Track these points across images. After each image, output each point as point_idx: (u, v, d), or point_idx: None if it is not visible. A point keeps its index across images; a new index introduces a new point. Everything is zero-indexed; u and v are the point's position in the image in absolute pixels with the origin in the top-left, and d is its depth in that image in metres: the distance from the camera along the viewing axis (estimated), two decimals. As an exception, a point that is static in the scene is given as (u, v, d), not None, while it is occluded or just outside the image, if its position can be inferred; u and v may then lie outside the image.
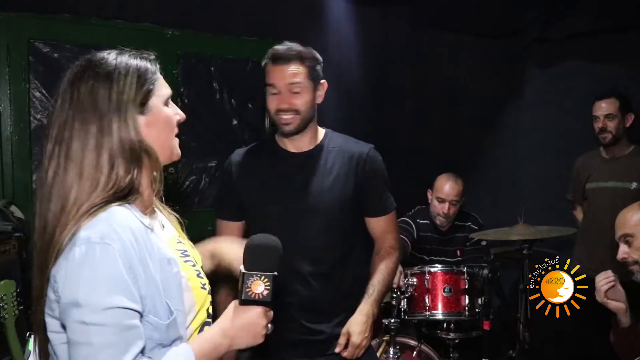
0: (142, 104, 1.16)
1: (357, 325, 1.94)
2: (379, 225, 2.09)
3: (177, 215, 1.36)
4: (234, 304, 1.21)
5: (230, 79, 3.61)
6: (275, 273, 1.21)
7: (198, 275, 1.26)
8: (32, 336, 1.48)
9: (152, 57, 1.24)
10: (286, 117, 1.92)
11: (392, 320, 2.70)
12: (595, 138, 3.28)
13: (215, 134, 3.57)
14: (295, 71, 1.92)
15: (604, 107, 3.21)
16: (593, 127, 3.26)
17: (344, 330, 1.95)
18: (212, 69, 3.57)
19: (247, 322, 1.19)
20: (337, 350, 1.94)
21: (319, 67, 1.98)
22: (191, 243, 1.36)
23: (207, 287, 1.28)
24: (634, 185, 3.14)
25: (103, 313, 1.01)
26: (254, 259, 1.22)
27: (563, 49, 4.08)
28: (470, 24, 4.17)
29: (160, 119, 1.20)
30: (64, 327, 1.06)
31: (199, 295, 1.23)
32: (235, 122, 3.66)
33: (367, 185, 2.02)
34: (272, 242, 1.26)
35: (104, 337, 1.01)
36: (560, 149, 3.99)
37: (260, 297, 1.19)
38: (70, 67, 1.17)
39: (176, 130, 1.25)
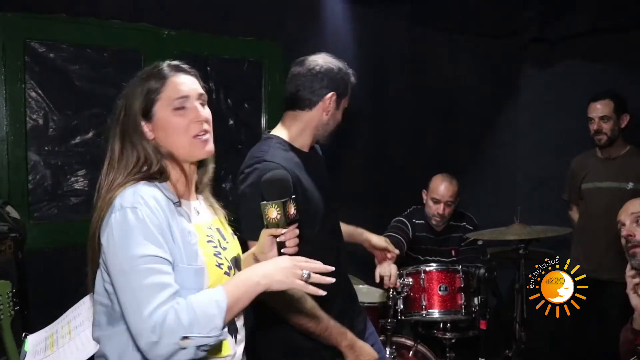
0: (145, 114, 1.41)
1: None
2: None
3: (224, 211, 1.61)
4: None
5: (227, 79, 3.61)
6: (286, 199, 1.43)
7: (216, 255, 1.42)
8: (28, 336, 1.55)
9: (164, 66, 1.46)
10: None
11: (389, 321, 2.71)
12: (591, 139, 3.29)
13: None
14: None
15: (598, 109, 3.21)
16: (589, 128, 3.27)
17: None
18: (209, 68, 3.57)
19: (279, 263, 1.36)
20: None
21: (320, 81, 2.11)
22: (231, 233, 1.59)
23: (225, 268, 1.43)
24: (630, 185, 3.15)
25: (138, 260, 1.26)
26: (267, 192, 1.46)
27: (561, 49, 4.08)
28: (468, 24, 4.18)
29: (165, 124, 1.41)
30: (106, 291, 1.36)
31: (212, 272, 1.39)
32: (231, 122, 3.65)
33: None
34: (279, 174, 1.52)
35: (141, 280, 1.25)
36: (557, 149, 4.00)
37: (275, 220, 1.43)
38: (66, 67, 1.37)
39: (194, 130, 1.42)
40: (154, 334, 1.21)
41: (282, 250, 1.48)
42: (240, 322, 1.51)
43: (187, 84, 1.45)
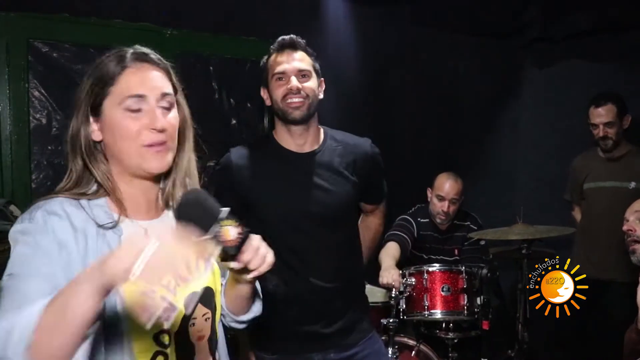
0: (94, 109, 1.16)
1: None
2: (371, 206, 2.30)
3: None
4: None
5: (229, 78, 3.61)
6: (213, 226, 1.06)
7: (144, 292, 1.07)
8: None
9: (128, 53, 1.20)
10: (296, 100, 1.93)
11: (391, 320, 2.70)
12: (595, 142, 3.27)
13: (214, 134, 3.57)
14: (302, 58, 1.97)
15: (602, 115, 3.16)
16: (591, 132, 3.24)
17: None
18: (211, 68, 3.57)
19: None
20: None
21: (318, 63, 2.04)
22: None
23: None
24: (633, 185, 3.14)
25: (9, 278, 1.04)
26: (200, 216, 1.07)
27: (563, 49, 4.08)
28: (469, 23, 4.17)
29: (113, 125, 1.15)
30: None
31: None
32: (234, 121, 3.66)
33: (369, 178, 2.10)
34: (194, 193, 1.16)
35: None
36: (559, 149, 4.00)
37: (238, 241, 1.09)
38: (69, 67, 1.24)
39: (146, 139, 1.14)
40: None
41: (251, 275, 1.17)
42: None
43: (148, 79, 1.16)
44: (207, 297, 1.22)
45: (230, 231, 1.08)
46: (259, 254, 1.13)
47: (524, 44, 4.22)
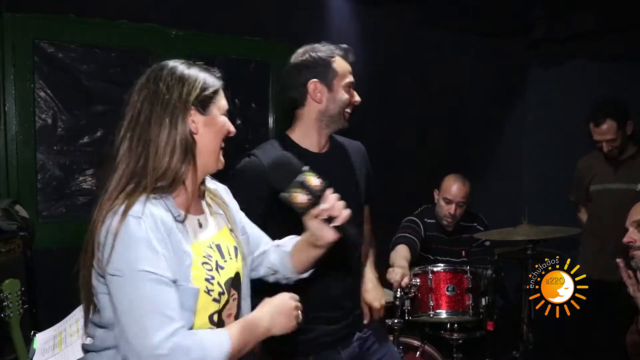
0: (204, 107, 1.37)
1: (372, 293, 2.20)
2: (364, 214, 2.28)
3: (226, 209, 1.53)
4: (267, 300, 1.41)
5: (234, 79, 3.62)
6: (299, 176, 1.39)
7: (207, 279, 1.33)
8: (37, 334, 1.52)
9: (218, 74, 1.45)
10: (350, 111, 2.05)
11: (396, 321, 2.70)
12: (599, 149, 3.22)
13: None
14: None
15: (603, 133, 3.11)
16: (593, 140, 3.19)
17: (363, 303, 2.18)
18: (216, 68, 3.57)
19: (278, 303, 1.38)
20: (366, 321, 2.17)
21: None
22: (234, 248, 1.47)
23: (215, 294, 1.35)
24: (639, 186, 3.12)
25: (140, 274, 1.19)
26: (277, 181, 1.40)
27: (568, 49, 4.07)
28: (474, 23, 4.17)
29: (216, 123, 1.39)
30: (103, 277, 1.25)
31: (201, 297, 1.31)
32: (238, 121, 3.66)
33: (367, 177, 2.19)
34: (277, 157, 1.46)
35: (144, 301, 1.19)
36: (564, 149, 3.99)
37: (306, 203, 1.39)
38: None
39: (221, 138, 1.41)
40: None
41: (333, 225, 1.43)
42: None
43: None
44: (236, 280, 1.45)
45: (313, 179, 1.38)
46: (338, 204, 1.43)
47: (529, 44, 4.21)
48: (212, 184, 1.57)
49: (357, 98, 2.05)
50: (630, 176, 3.16)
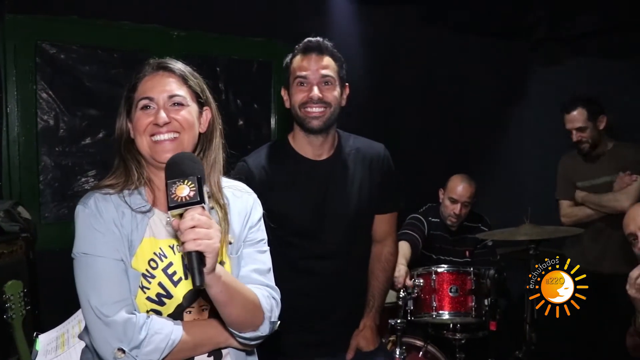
0: (128, 111, 1.38)
1: (365, 340, 2.03)
2: (383, 225, 2.10)
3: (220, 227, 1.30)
4: None
5: (236, 79, 3.62)
6: (199, 176, 1.16)
7: (144, 275, 1.31)
8: (39, 335, 1.54)
9: (148, 64, 1.40)
10: (316, 109, 1.85)
11: (399, 321, 2.69)
12: (574, 146, 3.23)
13: (221, 135, 3.58)
14: (327, 64, 1.87)
15: (572, 120, 3.14)
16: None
17: (352, 343, 2.02)
18: (218, 69, 3.58)
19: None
20: (348, 358, 2.02)
21: (344, 68, 1.95)
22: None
23: (151, 294, 1.31)
24: (621, 174, 3.10)
25: (81, 256, 1.28)
26: (174, 170, 1.19)
27: (571, 49, 4.06)
28: (476, 23, 4.16)
29: (134, 123, 1.36)
30: None
31: (138, 292, 1.31)
32: (241, 122, 3.66)
33: (382, 183, 2.02)
34: (186, 154, 1.27)
35: (89, 274, 1.27)
36: (567, 149, 3.97)
37: (187, 198, 1.13)
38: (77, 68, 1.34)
39: (150, 131, 1.33)
40: (108, 328, 1.24)
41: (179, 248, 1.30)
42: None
43: (158, 84, 1.36)
44: (205, 292, 1.30)
45: (184, 190, 1.14)
46: (195, 231, 1.12)
47: (532, 44, 4.21)
48: (233, 192, 1.45)
49: (312, 93, 1.84)
50: (612, 168, 3.13)
